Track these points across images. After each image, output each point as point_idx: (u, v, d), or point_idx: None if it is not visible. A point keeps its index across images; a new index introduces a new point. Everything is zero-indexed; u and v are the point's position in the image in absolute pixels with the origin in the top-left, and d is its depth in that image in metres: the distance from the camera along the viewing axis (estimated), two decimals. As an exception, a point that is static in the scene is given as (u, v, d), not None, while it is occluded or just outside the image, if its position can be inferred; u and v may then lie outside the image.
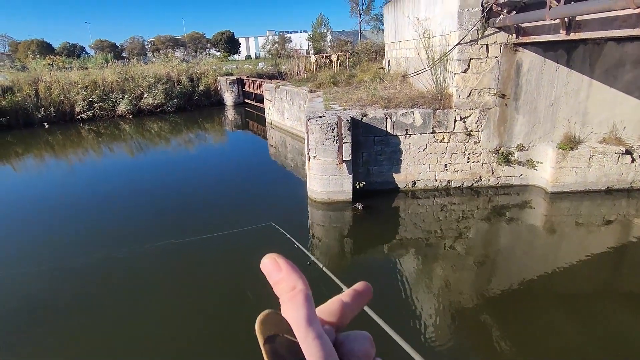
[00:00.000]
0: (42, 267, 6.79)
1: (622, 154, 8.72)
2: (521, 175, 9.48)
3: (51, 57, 32.43)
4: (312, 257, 5.30)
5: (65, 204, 10.07)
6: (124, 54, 65.28)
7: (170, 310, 5.61)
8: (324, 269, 4.75)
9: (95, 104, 22.11)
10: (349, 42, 31.99)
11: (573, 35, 6.44)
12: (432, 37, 9.79)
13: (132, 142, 17.68)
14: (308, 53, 36.49)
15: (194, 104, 25.69)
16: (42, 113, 20.83)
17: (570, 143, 8.86)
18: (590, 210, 8.51)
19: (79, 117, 21.74)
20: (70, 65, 28.67)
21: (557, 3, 6.08)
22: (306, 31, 61.44)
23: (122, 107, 22.68)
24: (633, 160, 8.80)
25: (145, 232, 8.12)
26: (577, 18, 6.21)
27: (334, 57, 20.30)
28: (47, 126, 20.57)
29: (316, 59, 21.82)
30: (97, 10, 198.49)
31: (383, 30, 19.19)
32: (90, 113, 21.86)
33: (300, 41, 59.55)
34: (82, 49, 68.40)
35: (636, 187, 9.02)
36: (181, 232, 7.88)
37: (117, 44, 71.82)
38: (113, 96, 22.83)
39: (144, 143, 17.61)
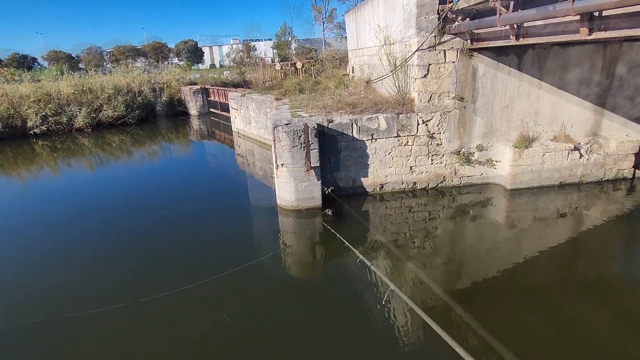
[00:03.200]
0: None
1: (571, 150, 9.32)
2: (482, 174, 9.89)
3: (-2, 69, 30.55)
4: (361, 256, 5.51)
5: (14, 228, 9.44)
6: (80, 65, 62.45)
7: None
8: (372, 266, 5.30)
9: (50, 118, 20.99)
10: (314, 50, 32.35)
11: (522, 41, 6.84)
12: (393, 43, 10.09)
13: (91, 157, 16.85)
14: (273, 61, 36.46)
15: (157, 115, 25.01)
16: (-12, 128, 19.55)
17: (525, 142, 9.37)
18: (546, 205, 8.99)
19: (31, 132, 20.55)
20: (20, 77, 27.08)
21: (506, 11, 6.45)
22: (271, 39, 61.52)
23: (80, 121, 21.67)
24: (581, 156, 9.43)
25: (106, 262, 7.73)
26: (525, 24, 6.61)
27: (299, 65, 20.42)
28: (-5, 142, 19.32)
29: (281, 66, 21.88)
30: (49, 20, 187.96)
31: (346, 37, 19.54)
32: (44, 128, 20.72)
33: (265, 49, 59.53)
34: (34, 60, 64.78)
35: (585, 181, 9.65)
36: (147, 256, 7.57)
37: (74, 55, 68.66)
38: (69, 109, 21.76)
39: (104, 157, 16.84)
